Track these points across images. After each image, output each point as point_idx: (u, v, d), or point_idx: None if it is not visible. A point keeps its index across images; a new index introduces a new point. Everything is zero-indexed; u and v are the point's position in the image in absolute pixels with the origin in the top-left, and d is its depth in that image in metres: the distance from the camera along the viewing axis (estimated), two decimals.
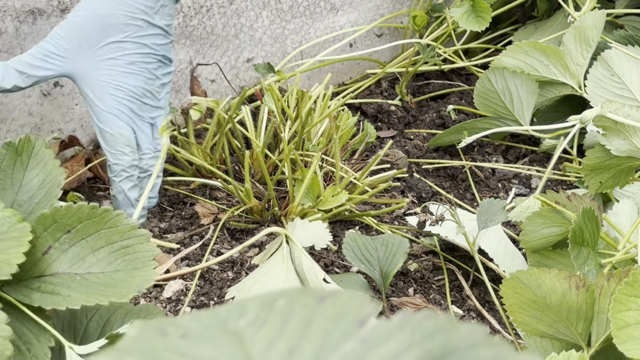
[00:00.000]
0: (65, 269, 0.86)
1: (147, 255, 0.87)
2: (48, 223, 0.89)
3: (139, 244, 0.88)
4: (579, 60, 1.63)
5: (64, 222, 0.89)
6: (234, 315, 0.39)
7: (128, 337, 0.37)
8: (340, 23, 1.89)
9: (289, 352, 0.35)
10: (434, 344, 0.33)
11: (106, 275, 0.85)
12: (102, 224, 0.88)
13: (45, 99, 1.51)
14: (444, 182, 1.65)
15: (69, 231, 0.88)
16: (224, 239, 1.40)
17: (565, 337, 1.00)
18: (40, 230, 0.89)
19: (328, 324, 0.36)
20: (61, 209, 0.89)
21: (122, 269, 0.86)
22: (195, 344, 0.37)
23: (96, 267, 0.86)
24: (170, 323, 0.39)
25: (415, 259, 1.40)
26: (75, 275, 0.86)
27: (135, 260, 0.87)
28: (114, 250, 0.87)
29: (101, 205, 0.91)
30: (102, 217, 0.89)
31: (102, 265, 0.86)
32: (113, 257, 0.87)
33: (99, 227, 0.88)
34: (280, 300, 0.38)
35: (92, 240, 0.88)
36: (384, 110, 1.84)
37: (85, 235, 0.88)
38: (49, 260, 0.87)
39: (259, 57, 1.77)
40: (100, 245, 0.88)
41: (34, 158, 0.97)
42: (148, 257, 0.87)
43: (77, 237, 0.88)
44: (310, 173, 1.37)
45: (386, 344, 0.33)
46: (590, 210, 1.13)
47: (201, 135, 1.62)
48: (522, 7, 2.06)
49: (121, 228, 0.88)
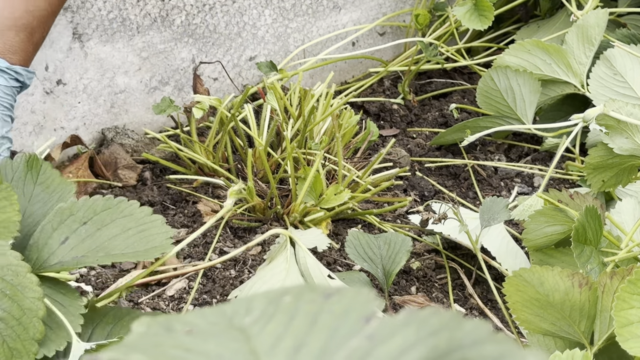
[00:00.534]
0: (84, 254, 0.89)
1: (163, 235, 0.91)
2: (65, 216, 0.92)
3: (154, 227, 0.91)
4: (582, 59, 1.63)
5: (80, 215, 0.92)
6: (240, 312, 0.40)
7: (135, 334, 0.37)
8: (343, 21, 1.89)
9: (295, 348, 0.35)
10: (440, 341, 0.33)
11: (125, 255, 0.89)
12: (118, 213, 0.92)
13: (48, 97, 1.51)
14: (447, 181, 1.65)
15: (85, 222, 0.91)
16: (227, 237, 1.40)
17: (568, 335, 1.01)
18: (57, 223, 0.92)
19: (334, 320, 0.36)
20: (77, 202, 0.93)
21: (140, 248, 0.89)
22: (201, 341, 0.37)
23: (115, 249, 0.89)
24: (176, 320, 0.39)
25: (417, 257, 1.40)
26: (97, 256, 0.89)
27: (152, 240, 0.90)
28: (131, 235, 0.90)
29: None
30: (117, 207, 0.92)
31: (120, 248, 0.89)
32: (131, 241, 0.90)
33: (114, 216, 0.92)
34: (286, 297, 0.38)
35: (107, 229, 0.91)
36: (387, 108, 1.84)
37: (102, 226, 0.91)
38: (67, 249, 0.91)
39: (262, 56, 1.77)
40: (116, 233, 0.91)
41: (43, 174, 1.01)
42: (164, 237, 0.91)
43: (93, 227, 0.91)
44: (312, 171, 1.37)
45: (392, 340, 0.34)
46: (593, 208, 1.13)
47: (204, 133, 1.62)
48: (524, 6, 2.06)
49: (136, 215, 0.92)
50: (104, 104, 1.59)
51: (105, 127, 1.60)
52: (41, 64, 1.49)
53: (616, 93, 1.57)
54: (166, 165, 1.54)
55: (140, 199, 1.48)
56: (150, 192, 1.50)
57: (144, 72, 1.62)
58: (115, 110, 1.61)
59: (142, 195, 1.49)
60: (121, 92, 1.60)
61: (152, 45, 1.61)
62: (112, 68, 1.58)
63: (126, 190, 1.51)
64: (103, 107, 1.59)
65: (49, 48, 1.49)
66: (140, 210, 0.92)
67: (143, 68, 1.61)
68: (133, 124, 1.63)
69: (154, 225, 0.91)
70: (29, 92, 1.48)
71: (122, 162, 1.55)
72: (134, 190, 1.52)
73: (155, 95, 1.64)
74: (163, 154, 1.58)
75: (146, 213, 0.92)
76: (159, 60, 1.63)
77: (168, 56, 1.64)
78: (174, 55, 1.64)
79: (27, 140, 1.51)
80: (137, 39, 1.59)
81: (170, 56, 1.64)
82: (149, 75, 1.63)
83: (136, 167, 1.55)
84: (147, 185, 1.53)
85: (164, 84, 1.65)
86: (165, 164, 1.53)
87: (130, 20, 1.57)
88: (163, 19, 1.61)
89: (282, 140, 1.54)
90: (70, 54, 1.52)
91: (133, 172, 1.55)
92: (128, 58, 1.59)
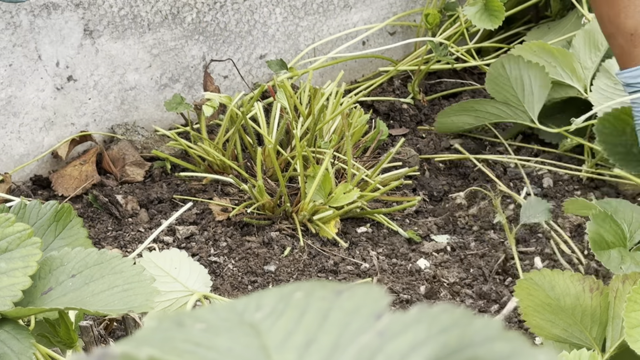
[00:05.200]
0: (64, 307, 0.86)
1: (147, 295, 0.86)
2: (55, 265, 0.89)
3: (140, 287, 0.87)
4: (587, 64, 1.63)
5: (70, 266, 0.88)
6: (251, 308, 0.40)
7: (146, 328, 0.37)
8: (354, 21, 1.89)
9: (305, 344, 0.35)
10: (450, 338, 0.33)
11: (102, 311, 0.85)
12: (108, 269, 0.88)
13: (59, 93, 1.52)
14: (456, 181, 1.65)
15: (73, 275, 0.88)
16: (235, 235, 1.40)
17: (580, 341, 1.00)
18: (45, 272, 0.88)
19: (345, 316, 0.36)
20: (70, 252, 0.89)
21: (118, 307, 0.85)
22: (212, 335, 0.37)
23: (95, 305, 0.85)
24: (187, 315, 0.39)
25: (426, 257, 1.40)
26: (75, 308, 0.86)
27: (133, 300, 0.86)
28: (116, 293, 0.87)
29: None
30: (109, 263, 0.89)
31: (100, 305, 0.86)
32: (113, 299, 0.86)
33: (104, 272, 0.88)
34: (297, 293, 0.38)
35: (95, 284, 0.87)
36: (396, 108, 1.84)
37: (90, 280, 0.88)
38: (47, 299, 0.87)
39: (272, 54, 1.77)
40: (102, 289, 0.87)
41: (68, 229, 0.97)
42: (147, 297, 0.86)
43: (81, 281, 0.88)
44: (322, 170, 1.37)
45: (403, 337, 0.34)
46: (601, 213, 1.13)
47: (213, 131, 1.63)
48: (535, 7, 2.05)
49: (126, 273, 0.88)
50: (114, 101, 1.59)
51: (115, 123, 1.60)
52: (52, 60, 1.49)
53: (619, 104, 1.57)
54: (175, 162, 1.54)
55: (149, 195, 1.48)
56: (160, 188, 1.51)
57: (154, 69, 1.62)
58: (125, 107, 1.61)
59: (151, 192, 1.49)
60: (131, 89, 1.61)
61: (163, 43, 1.61)
62: (122, 65, 1.58)
63: (135, 187, 1.52)
64: (113, 104, 1.59)
65: (60, 44, 1.49)
66: (132, 269, 0.88)
67: (153, 65, 1.62)
68: (143, 121, 1.64)
69: (141, 285, 0.87)
70: (40, 88, 1.49)
71: (130, 158, 1.55)
72: (143, 186, 1.52)
73: (166, 92, 1.65)
74: (173, 151, 1.58)
75: (137, 271, 0.88)
76: (169, 57, 1.63)
77: (178, 53, 1.64)
78: (184, 52, 1.65)
79: (37, 136, 1.52)
80: (148, 36, 1.59)
81: (180, 53, 1.64)
82: (160, 73, 1.63)
83: (144, 164, 1.56)
84: (156, 182, 1.54)
85: (174, 82, 1.65)
86: (175, 161, 1.53)
87: (142, 17, 1.57)
88: (174, 17, 1.61)
89: (291, 138, 1.54)
90: (82, 50, 1.52)
91: (141, 168, 1.55)
92: (139, 55, 1.59)
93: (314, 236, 1.41)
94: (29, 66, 1.47)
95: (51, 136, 1.53)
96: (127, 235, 1.40)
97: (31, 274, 0.84)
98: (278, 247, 1.37)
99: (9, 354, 0.83)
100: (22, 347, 0.84)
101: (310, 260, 1.35)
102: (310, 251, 1.37)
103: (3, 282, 0.84)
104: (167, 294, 1.04)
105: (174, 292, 1.05)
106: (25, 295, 0.85)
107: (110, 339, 1.06)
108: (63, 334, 0.91)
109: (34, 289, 0.87)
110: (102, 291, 0.87)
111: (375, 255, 1.38)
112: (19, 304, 0.84)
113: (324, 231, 1.40)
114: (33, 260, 0.85)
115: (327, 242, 1.40)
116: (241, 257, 1.35)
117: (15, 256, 0.85)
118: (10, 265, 0.84)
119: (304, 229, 1.41)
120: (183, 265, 1.08)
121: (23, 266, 0.85)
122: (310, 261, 1.35)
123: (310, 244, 1.38)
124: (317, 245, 1.39)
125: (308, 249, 1.37)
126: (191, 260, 1.10)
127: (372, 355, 0.33)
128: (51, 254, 0.89)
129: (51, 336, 0.92)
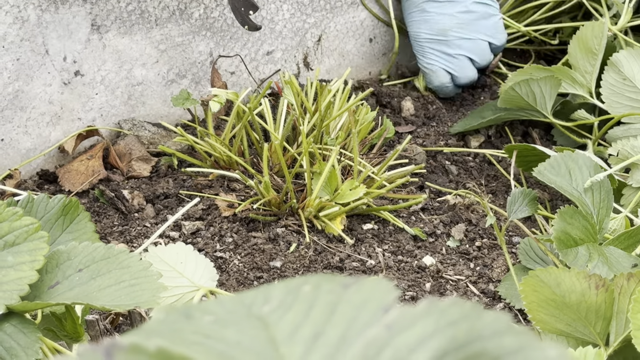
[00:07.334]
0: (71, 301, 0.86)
1: (154, 291, 0.86)
2: (62, 259, 0.89)
3: (147, 282, 0.87)
4: (587, 68, 1.65)
5: (77, 261, 0.88)
6: (259, 301, 0.40)
7: (154, 320, 0.37)
8: (361, 17, 1.89)
9: (313, 337, 0.35)
10: (459, 331, 0.33)
11: (108, 306, 0.85)
12: (116, 264, 0.88)
13: (66, 87, 1.52)
14: (463, 179, 1.64)
15: (80, 270, 0.88)
16: (241, 231, 1.40)
17: (583, 336, 1.00)
18: (52, 266, 0.88)
19: (353, 310, 0.36)
20: (78, 247, 0.89)
21: (125, 302, 0.85)
22: (220, 327, 0.37)
23: (101, 300, 0.85)
24: (195, 307, 0.40)
25: (432, 254, 1.40)
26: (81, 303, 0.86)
27: (140, 295, 0.86)
28: (122, 288, 0.87)
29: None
30: (116, 258, 0.88)
31: (107, 300, 0.85)
32: (119, 294, 0.86)
33: (111, 267, 0.88)
34: (305, 286, 0.38)
35: (101, 279, 0.87)
36: (403, 106, 1.84)
37: (97, 275, 0.87)
38: (54, 294, 0.87)
39: (279, 50, 1.77)
40: (109, 284, 0.87)
41: (76, 224, 0.97)
42: (154, 293, 0.86)
43: (87, 275, 0.87)
44: (328, 166, 1.37)
45: (411, 330, 0.34)
46: (569, 208, 1.14)
47: (220, 127, 1.63)
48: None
49: (133, 268, 0.88)
50: (121, 96, 1.59)
51: (122, 118, 1.61)
52: (59, 55, 1.49)
53: (629, 99, 1.59)
54: (182, 158, 1.54)
55: (156, 190, 1.49)
56: (166, 184, 1.51)
57: (161, 65, 1.62)
58: (132, 102, 1.61)
59: (158, 187, 1.50)
60: (138, 84, 1.61)
61: (170, 38, 1.61)
62: (130, 60, 1.58)
63: (141, 182, 1.52)
64: (120, 99, 1.59)
65: (68, 39, 1.49)
66: (139, 264, 0.88)
67: (161, 60, 1.62)
68: (150, 116, 1.64)
69: (147, 280, 0.87)
70: (47, 82, 1.49)
71: (136, 153, 1.55)
72: (149, 181, 1.52)
73: (173, 88, 1.65)
74: (179, 147, 1.58)
75: (144, 267, 0.88)
76: (176, 53, 1.63)
77: (186, 49, 1.64)
78: (191, 48, 1.65)
79: (44, 131, 1.52)
80: (156, 31, 1.59)
81: (187, 49, 1.64)
82: (167, 68, 1.63)
83: (150, 159, 1.56)
84: (162, 178, 1.54)
85: (181, 77, 1.65)
86: (181, 156, 1.53)
87: (149, 13, 1.58)
88: (181, 12, 1.61)
89: (298, 135, 1.54)
90: (89, 45, 1.52)
91: (147, 164, 1.55)
92: (146, 50, 1.59)
93: (319, 232, 1.41)
94: (36, 61, 1.47)
95: (58, 131, 1.53)
96: (133, 231, 1.40)
97: (38, 268, 0.84)
98: (284, 243, 1.37)
99: (16, 347, 0.83)
100: (28, 341, 0.84)
101: (316, 257, 1.35)
102: (316, 247, 1.37)
103: (10, 276, 0.84)
104: (173, 289, 1.04)
105: (180, 287, 1.06)
106: (32, 289, 0.84)
107: (116, 333, 1.06)
108: (69, 328, 0.92)
109: (40, 283, 0.86)
110: (109, 286, 0.86)
111: (381, 252, 1.38)
112: (25, 298, 0.84)
113: (330, 228, 1.40)
114: (40, 254, 0.85)
115: (333, 238, 1.40)
116: (247, 253, 1.35)
117: (22, 250, 0.85)
118: (18, 259, 0.84)
119: (310, 225, 1.41)
120: (189, 259, 1.08)
121: (30, 260, 0.85)
122: (316, 257, 1.35)
123: (316, 240, 1.38)
124: (323, 241, 1.39)
125: (314, 245, 1.37)
126: (197, 254, 1.10)
127: (380, 348, 0.34)
128: (58, 248, 0.89)
129: (57, 330, 0.93)
